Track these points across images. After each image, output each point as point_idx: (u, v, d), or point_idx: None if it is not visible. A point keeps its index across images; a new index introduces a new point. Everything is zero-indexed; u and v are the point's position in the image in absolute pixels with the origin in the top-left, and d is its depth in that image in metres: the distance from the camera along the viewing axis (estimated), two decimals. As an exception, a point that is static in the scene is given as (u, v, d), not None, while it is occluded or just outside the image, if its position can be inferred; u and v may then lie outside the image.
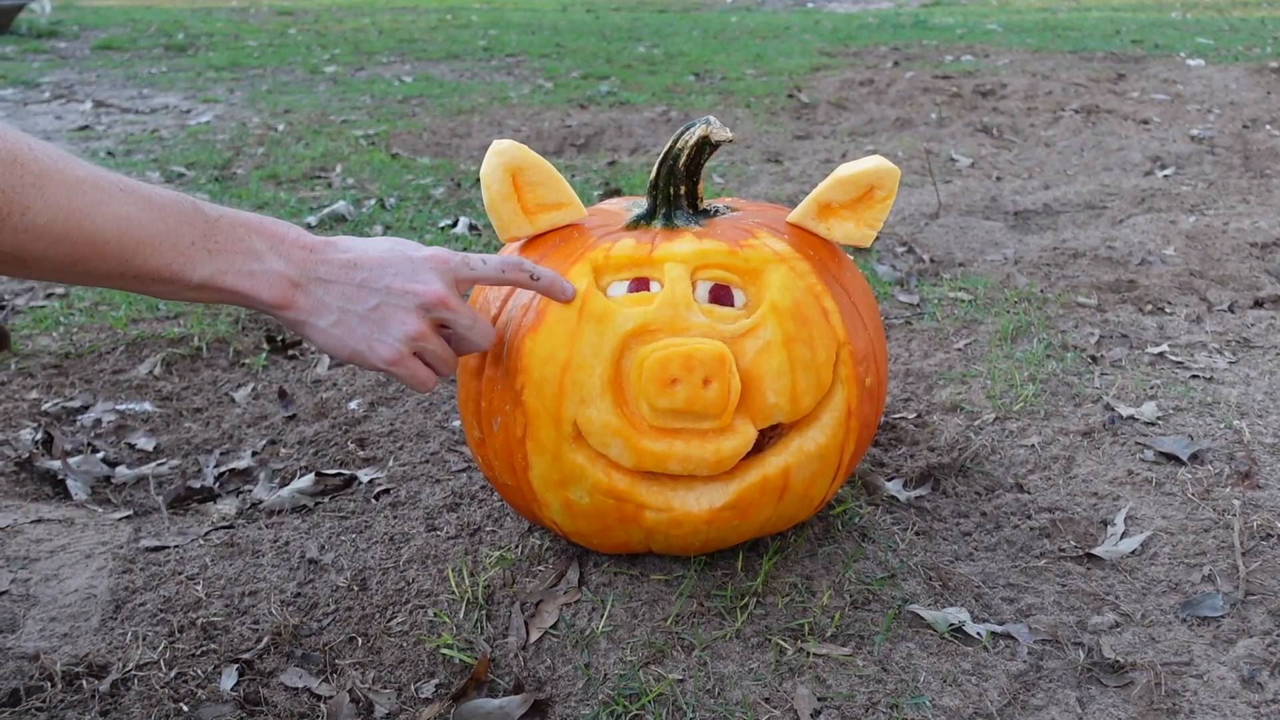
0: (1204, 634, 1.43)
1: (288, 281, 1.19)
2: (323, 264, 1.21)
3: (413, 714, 1.30)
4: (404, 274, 1.23)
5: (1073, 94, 5.50)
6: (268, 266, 1.17)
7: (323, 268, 1.21)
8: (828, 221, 1.50)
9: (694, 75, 6.49)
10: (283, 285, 1.18)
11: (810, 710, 1.27)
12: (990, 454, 1.90)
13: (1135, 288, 2.71)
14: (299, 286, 1.19)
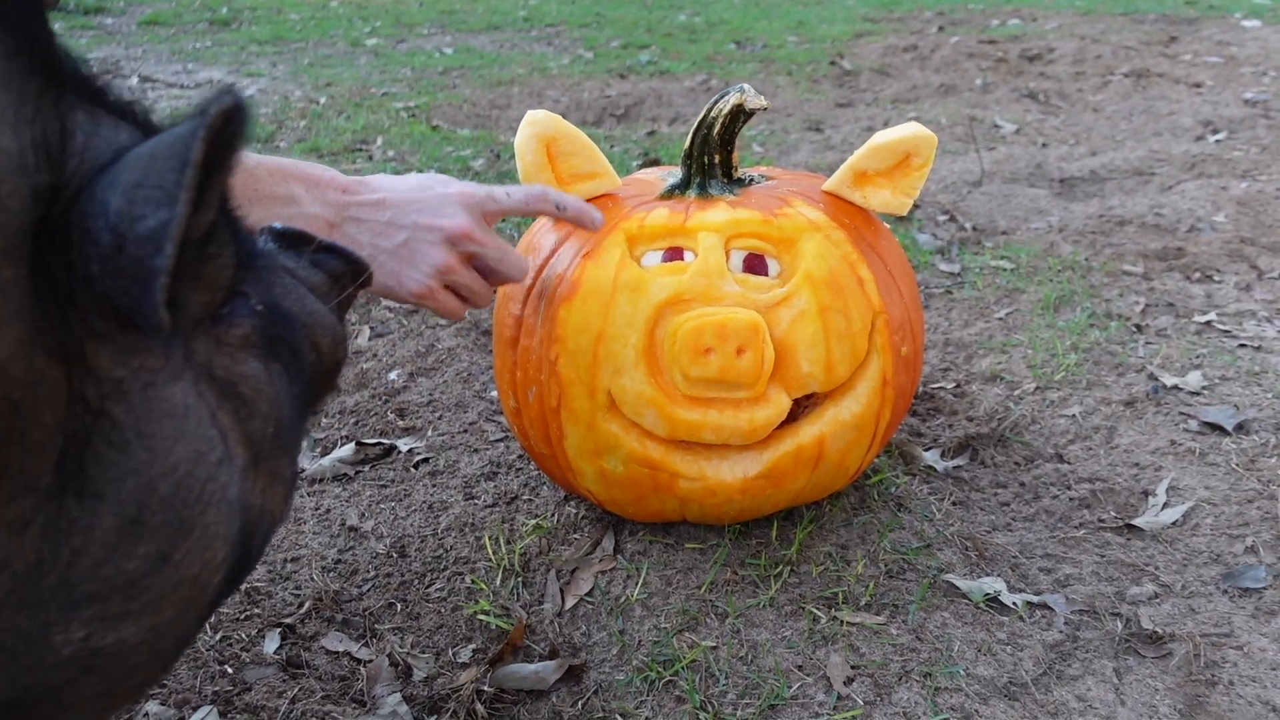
0: (1245, 605, 1.41)
1: (325, 224, 1.21)
2: (355, 204, 1.24)
3: (450, 678, 1.32)
4: (430, 209, 1.25)
5: (1122, 57, 5.38)
6: (306, 211, 1.20)
7: (354, 208, 1.24)
8: (864, 189, 1.49)
9: (735, 43, 6.43)
10: (321, 228, 1.21)
11: (843, 678, 1.28)
12: (1030, 424, 1.89)
13: (1183, 255, 2.66)
14: (335, 227, 1.22)
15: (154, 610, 0.73)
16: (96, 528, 0.67)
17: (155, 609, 0.73)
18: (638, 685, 1.29)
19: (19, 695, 0.69)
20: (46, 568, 0.66)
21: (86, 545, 0.67)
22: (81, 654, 0.70)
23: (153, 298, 0.62)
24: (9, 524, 0.63)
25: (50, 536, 0.66)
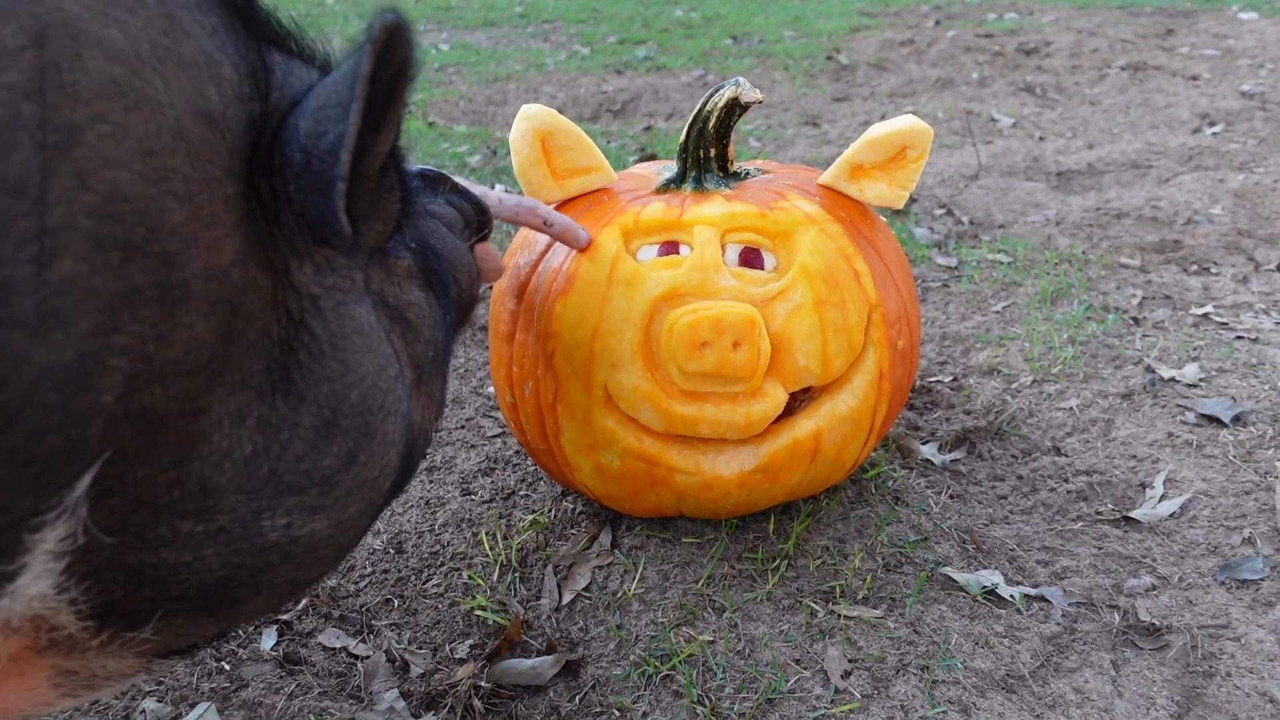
0: (1243, 597, 1.41)
1: None
2: None
3: (448, 674, 1.32)
4: None
5: (1119, 50, 5.38)
6: None
7: None
8: (859, 183, 1.49)
9: (732, 38, 6.43)
10: None
11: (840, 671, 1.28)
12: (1027, 417, 1.89)
13: (1180, 248, 2.66)
14: None
15: (341, 506, 0.83)
16: (300, 425, 0.77)
17: (342, 505, 0.83)
18: (635, 680, 1.29)
19: (227, 576, 0.77)
20: (260, 459, 0.75)
21: (291, 441, 0.77)
22: (283, 540, 0.79)
23: (334, 204, 0.71)
24: (231, 415, 0.72)
25: (263, 431, 0.75)
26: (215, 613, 0.81)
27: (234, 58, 0.70)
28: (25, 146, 0.54)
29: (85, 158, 0.57)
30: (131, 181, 0.59)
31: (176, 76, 0.64)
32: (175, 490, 0.70)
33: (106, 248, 0.58)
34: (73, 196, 0.56)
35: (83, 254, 0.56)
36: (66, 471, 0.60)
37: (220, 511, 0.74)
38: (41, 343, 0.55)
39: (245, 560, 0.77)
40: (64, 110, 0.55)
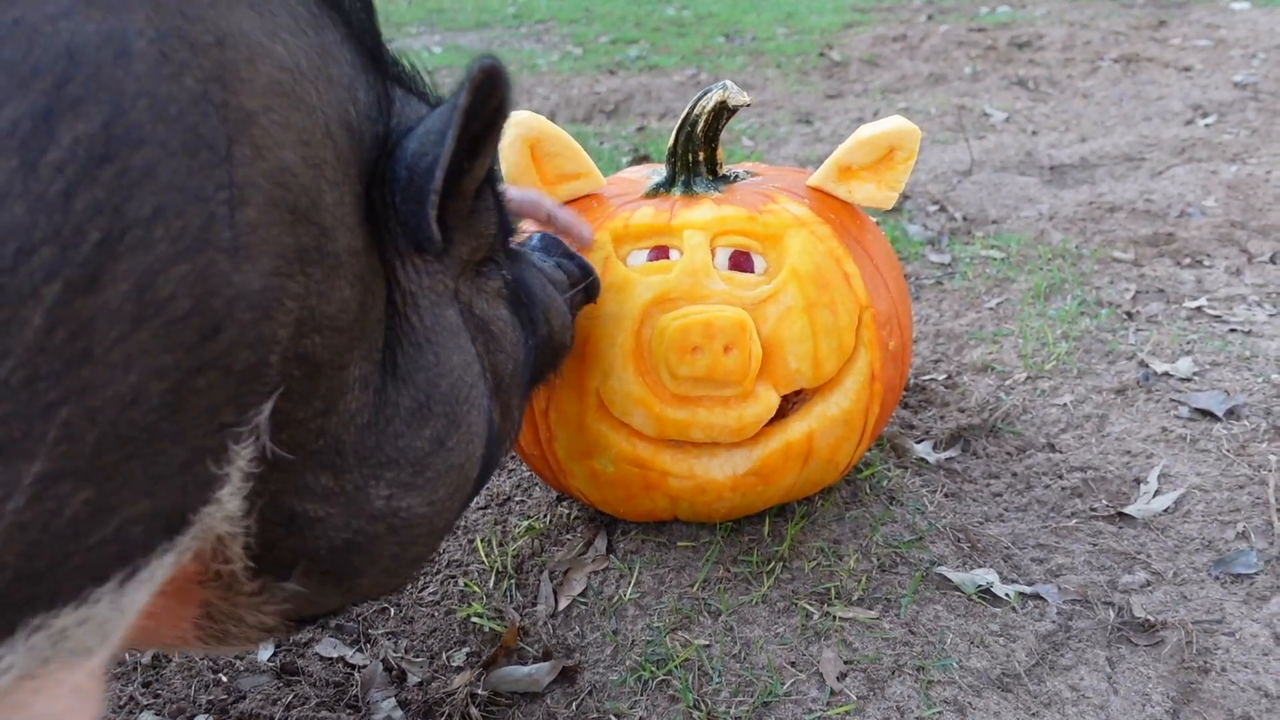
0: (1237, 591, 1.41)
1: None
2: None
3: (444, 682, 1.32)
4: None
5: (1112, 43, 5.38)
6: None
7: None
8: (848, 184, 1.49)
9: (724, 36, 6.42)
10: None
11: (836, 673, 1.28)
12: (1021, 414, 1.89)
13: (1173, 241, 2.66)
14: None
15: (433, 486, 0.93)
16: (401, 405, 0.89)
17: (434, 486, 0.93)
18: (631, 685, 1.29)
19: (349, 540, 0.88)
20: (371, 430, 0.86)
21: (393, 418, 0.88)
22: (387, 511, 0.90)
23: (427, 213, 0.84)
24: (360, 380, 0.84)
25: (376, 404, 0.87)
26: (340, 581, 0.92)
27: (367, 86, 0.85)
28: (213, 116, 0.66)
29: (260, 135, 0.69)
30: (295, 161, 0.73)
31: (327, 90, 0.78)
32: (320, 439, 0.82)
33: (279, 207, 0.71)
34: (251, 162, 0.69)
35: (261, 207, 0.69)
36: (255, 391, 0.72)
37: (344, 471, 0.85)
38: (237, 268, 0.67)
39: (361, 526, 0.88)
40: (242, 97, 0.69)
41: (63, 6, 0.62)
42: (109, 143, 0.62)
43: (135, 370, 0.63)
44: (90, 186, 0.61)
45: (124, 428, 0.64)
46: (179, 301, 0.65)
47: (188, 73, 0.66)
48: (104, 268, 0.61)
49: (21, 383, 0.59)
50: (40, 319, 0.59)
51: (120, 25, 0.64)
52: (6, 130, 0.59)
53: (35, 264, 0.59)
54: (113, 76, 0.62)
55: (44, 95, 0.60)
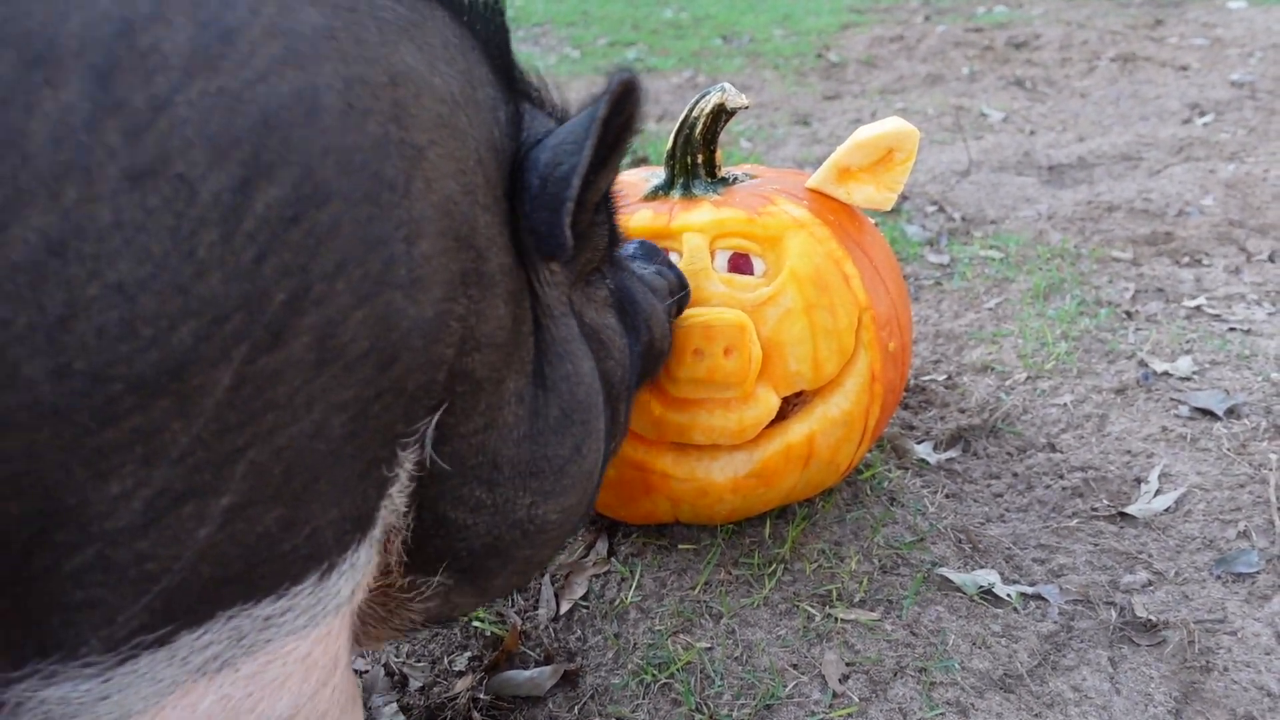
0: (1238, 590, 1.41)
1: None
2: None
3: (446, 686, 1.32)
4: None
5: (1108, 42, 5.38)
6: None
7: None
8: (847, 185, 1.49)
9: (722, 38, 6.42)
10: None
11: (838, 675, 1.28)
12: (1022, 414, 1.89)
13: (1172, 240, 2.67)
14: None
15: (566, 493, 0.97)
16: (549, 416, 0.92)
17: (567, 492, 0.97)
18: (633, 688, 1.29)
19: (489, 545, 0.92)
20: (526, 441, 0.90)
21: (544, 429, 0.92)
22: (526, 519, 0.94)
23: (562, 220, 0.86)
24: (516, 395, 0.88)
25: (530, 417, 0.90)
26: (475, 581, 0.97)
27: (504, 106, 0.88)
28: (393, 156, 0.69)
29: (429, 169, 0.72)
30: (456, 190, 0.76)
31: (475, 115, 0.81)
32: (479, 455, 0.87)
33: (447, 236, 0.74)
34: (424, 196, 0.72)
35: (433, 238, 0.72)
36: (423, 406, 0.76)
37: (498, 484, 0.90)
38: (413, 301, 0.71)
39: (501, 533, 0.93)
40: (413, 133, 0.71)
41: (260, 69, 0.63)
42: (298, 203, 0.64)
43: (317, 409, 0.67)
44: (279, 250, 0.63)
45: (308, 457, 0.68)
46: (359, 343, 0.68)
47: (370, 118, 0.68)
48: (288, 325, 0.64)
49: (211, 436, 0.63)
50: (229, 379, 0.62)
51: (312, 81, 0.65)
52: (209, 203, 0.60)
53: (227, 331, 0.61)
54: (303, 137, 0.64)
55: (242, 165, 0.61)
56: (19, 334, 0.55)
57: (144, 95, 0.59)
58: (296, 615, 0.75)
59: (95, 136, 0.57)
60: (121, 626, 0.65)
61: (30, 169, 0.56)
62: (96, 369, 0.57)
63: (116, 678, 0.67)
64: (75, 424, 0.58)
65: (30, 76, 0.56)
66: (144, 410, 0.60)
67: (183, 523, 0.64)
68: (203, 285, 0.60)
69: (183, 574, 0.65)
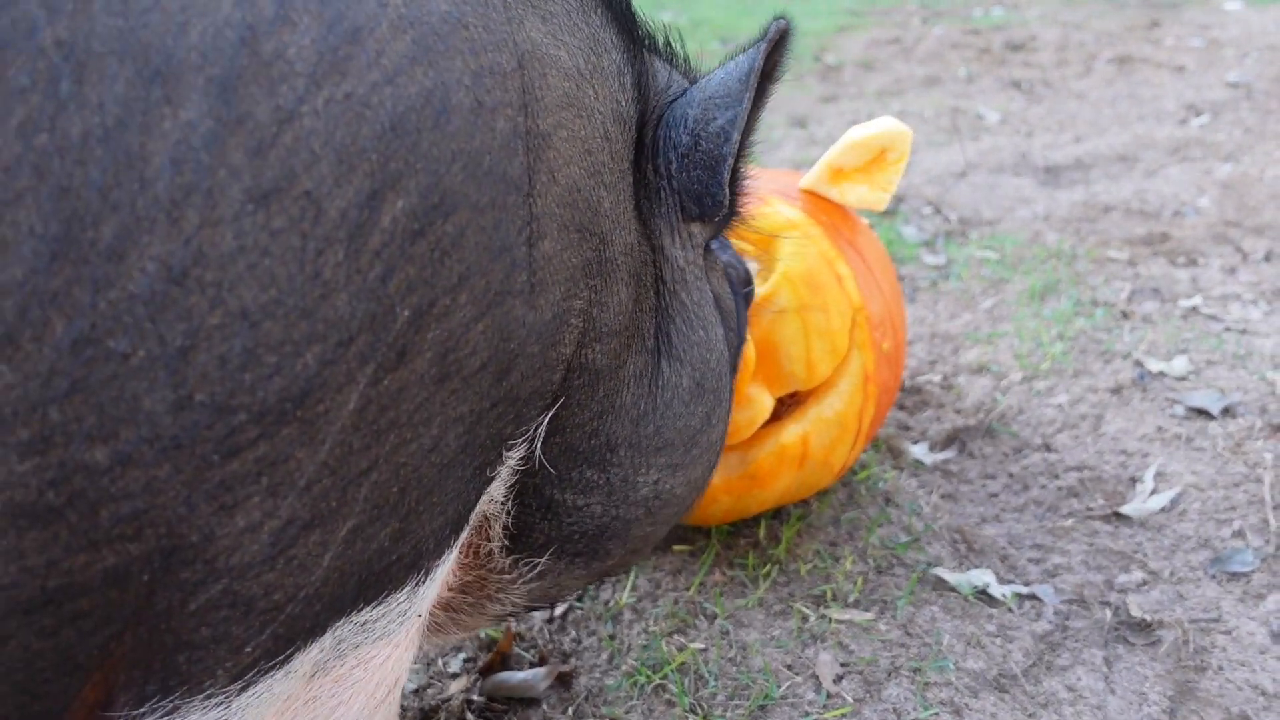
0: (1233, 590, 1.41)
1: None
2: None
3: (441, 688, 1.32)
4: None
5: (1105, 44, 5.39)
6: None
7: None
8: (840, 186, 1.49)
9: (720, 41, 6.43)
10: None
11: (832, 676, 1.28)
12: (1018, 414, 1.89)
13: (1168, 240, 2.66)
14: None
15: (694, 465, 0.94)
16: (679, 386, 0.89)
17: (695, 464, 0.94)
18: (627, 690, 1.29)
19: (604, 526, 0.89)
20: (648, 418, 0.87)
21: (672, 401, 0.88)
22: (649, 496, 0.91)
23: (721, 178, 0.84)
24: (636, 374, 0.85)
25: (653, 391, 0.87)
26: (589, 563, 0.94)
27: (630, 68, 0.83)
28: (519, 152, 0.65)
29: (554, 158, 0.69)
30: (581, 175, 0.72)
31: (602, 87, 0.77)
32: (593, 440, 0.84)
33: (569, 229, 0.71)
34: (548, 190, 0.68)
35: (556, 235, 0.69)
36: (536, 407, 0.74)
37: (614, 465, 0.87)
38: (531, 307, 0.68)
39: (619, 513, 0.90)
40: (539, 120, 0.68)
41: (389, 70, 0.59)
42: (425, 215, 0.60)
43: (436, 424, 0.65)
44: (405, 266, 0.60)
45: (425, 471, 0.67)
46: (478, 355, 0.66)
47: (499, 114, 0.64)
48: (411, 342, 0.61)
49: (338, 461, 0.60)
50: (354, 402, 0.60)
51: (441, 79, 0.61)
52: (336, 221, 0.56)
53: (352, 353, 0.58)
54: (432, 142, 0.60)
55: (369, 177, 0.57)
56: (138, 367, 0.52)
57: (268, 108, 0.55)
58: (389, 621, 0.74)
59: (218, 156, 0.53)
60: (247, 657, 0.64)
61: (149, 194, 0.52)
62: (219, 400, 0.54)
63: (237, 703, 0.66)
64: (197, 457, 0.55)
65: (149, 94, 0.52)
66: (269, 440, 0.57)
67: (309, 551, 0.62)
68: (328, 307, 0.57)
69: (306, 600, 0.64)
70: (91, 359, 0.51)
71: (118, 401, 0.52)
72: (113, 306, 0.51)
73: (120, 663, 0.60)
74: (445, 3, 0.63)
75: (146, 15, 0.52)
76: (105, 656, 0.59)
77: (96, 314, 0.51)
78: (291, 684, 0.70)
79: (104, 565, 0.54)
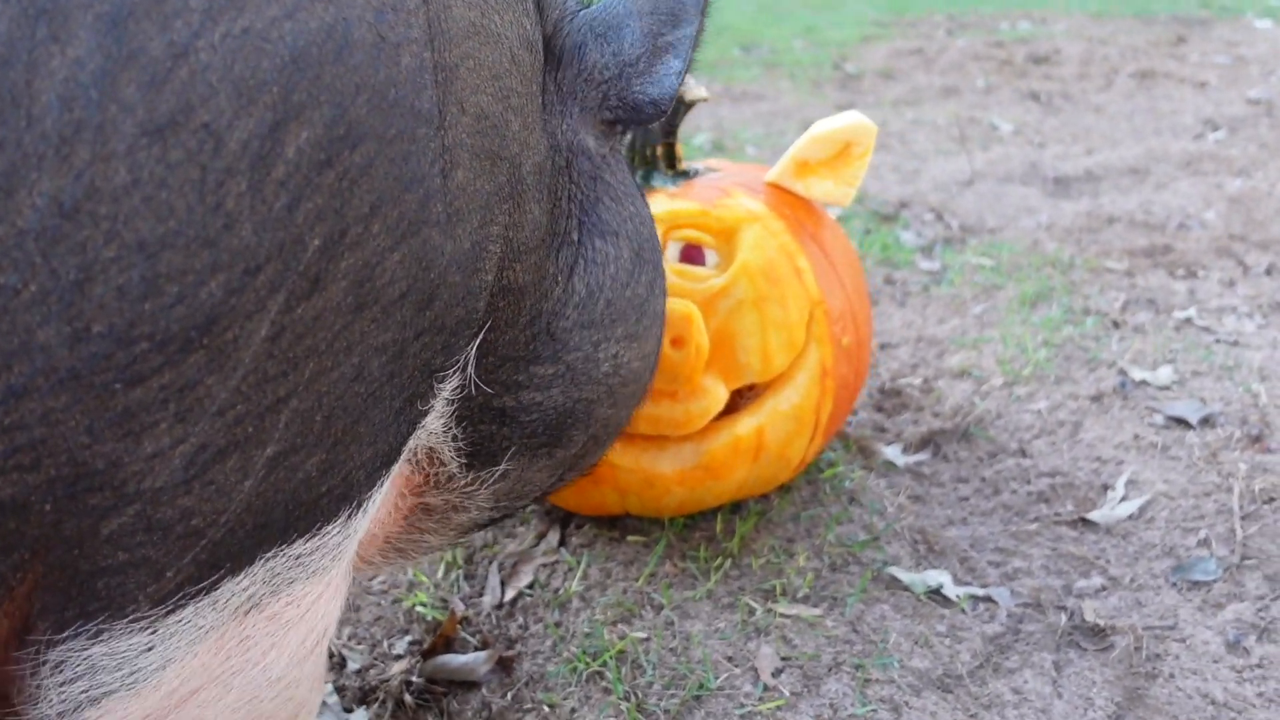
0: (1193, 598, 1.38)
1: None
2: None
3: (383, 669, 1.32)
4: None
5: (1129, 58, 5.33)
6: None
7: None
8: (805, 180, 1.48)
9: (741, 49, 6.42)
10: None
11: (772, 669, 1.26)
12: (995, 419, 1.86)
13: (1170, 252, 2.63)
14: None
15: (645, 336, 0.98)
16: (621, 257, 0.93)
17: (646, 335, 0.99)
18: (566, 676, 1.28)
19: (567, 411, 0.93)
20: (595, 295, 0.91)
21: (618, 272, 0.93)
22: (610, 372, 0.95)
23: (672, 89, 0.92)
24: (563, 270, 0.88)
25: (593, 271, 0.91)
26: (552, 452, 0.96)
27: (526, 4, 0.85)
28: (429, 86, 0.67)
29: (461, 88, 0.70)
30: (489, 102, 0.73)
31: (507, 13, 0.78)
32: (532, 344, 0.87)
33: (481, 157, 0.72)
34: (458, 120, 0.69)
35: (468, 164, 0.71)
36: (464, 336, 0.76)
37: (568, 351, 0.90)
38: (450, 236, 0.70)
39: (581, 394, 0.93)
40: (445, 52, 0.69)
41: (288, 5, 0.59)
42: (330, 145, 0.61)
43: (357, 353, 0.66)
44: (312, 195, 0.60)
45: (349, 400, 0.67)
46: (396, 285, 0.66)
47: (404, 50, 0.65)
48: (324, 271, 0.62)
49: (251, 387, 0.61)
50: (266, 329, 0.60)
51: (342, 14, 0.62)
52: (237, 152, 0.57)
53: (260, 281, 0.59)
54: (334, 75, 0.61)
55: (270, 109, 0.58)
56: (30, 300, 0.52)
57: (162, 43, 0.55)
58: (323, 554, 0.75)
59: (108, 92, 0.54)
60: (169, 582, 0.64)
61: (36, 131, 0.52)
62: (119, 330, 0.55)
63: (163, 629, 0.67)
64: (98, 387, 0.55)
65: (34, 32, 0.52)
66: (175, 367, 0.57)
67: (227, 476, 0.62)
68: (232, 237, 0.57)
69: (228, 526, 0.65)
70: None
71: (9, 335, 0.53)
72: (1, 243, 0.52)
73: (34, 589, 0.62)
74: None
75: None
76: (14, 584, 0.60)
77: None
78: (222, 616, 0.70)
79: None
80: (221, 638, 0.73)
